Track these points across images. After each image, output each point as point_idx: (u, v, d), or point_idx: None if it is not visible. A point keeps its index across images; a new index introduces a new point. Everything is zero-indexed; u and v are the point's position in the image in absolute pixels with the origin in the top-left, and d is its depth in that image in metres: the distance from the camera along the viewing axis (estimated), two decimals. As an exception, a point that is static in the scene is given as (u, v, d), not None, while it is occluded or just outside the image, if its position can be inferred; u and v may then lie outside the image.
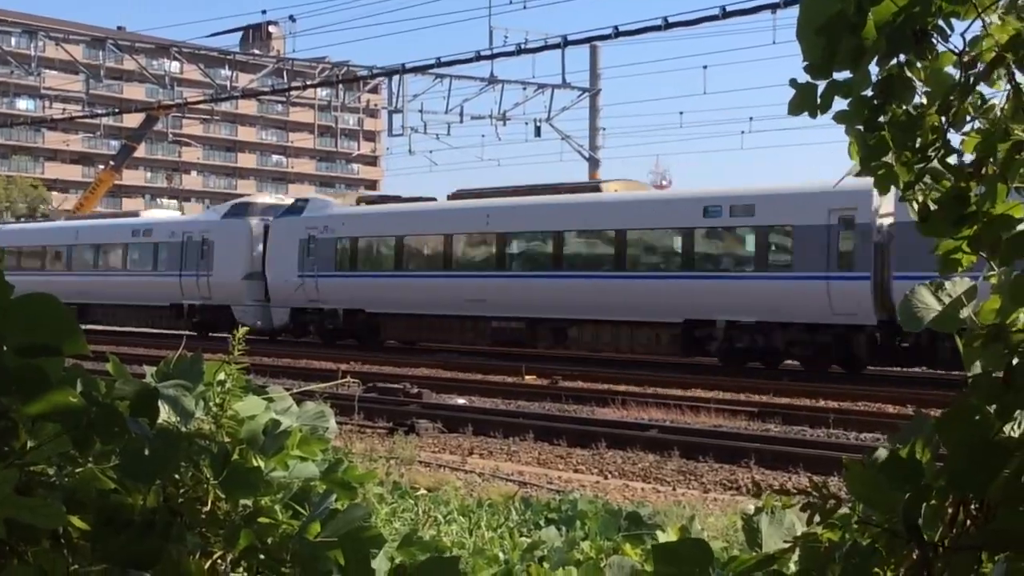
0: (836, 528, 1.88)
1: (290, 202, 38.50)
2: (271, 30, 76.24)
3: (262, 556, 2.18)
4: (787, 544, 1.93)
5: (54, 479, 2.05)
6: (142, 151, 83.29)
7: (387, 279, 33.10)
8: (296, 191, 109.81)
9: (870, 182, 2.03)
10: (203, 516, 2.18)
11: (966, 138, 1.97)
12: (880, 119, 1.95)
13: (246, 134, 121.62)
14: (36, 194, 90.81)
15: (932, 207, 1.99)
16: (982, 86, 1.92)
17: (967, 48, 1.89)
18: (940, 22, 1.88)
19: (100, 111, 54.02)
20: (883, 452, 1.82)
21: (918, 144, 1.95)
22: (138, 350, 28.64)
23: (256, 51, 58.89)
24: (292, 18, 51.94)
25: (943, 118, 1.94)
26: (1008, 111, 1.90)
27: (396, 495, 9.15)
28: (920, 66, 1.92)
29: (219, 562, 2.18)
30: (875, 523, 1.82)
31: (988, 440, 1.76)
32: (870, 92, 1.94)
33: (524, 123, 45.28)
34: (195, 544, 2.13)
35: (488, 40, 37.65)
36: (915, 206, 2.00)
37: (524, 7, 36.77)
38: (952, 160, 1.97)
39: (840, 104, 1.96)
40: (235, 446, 2.27)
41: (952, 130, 1.95)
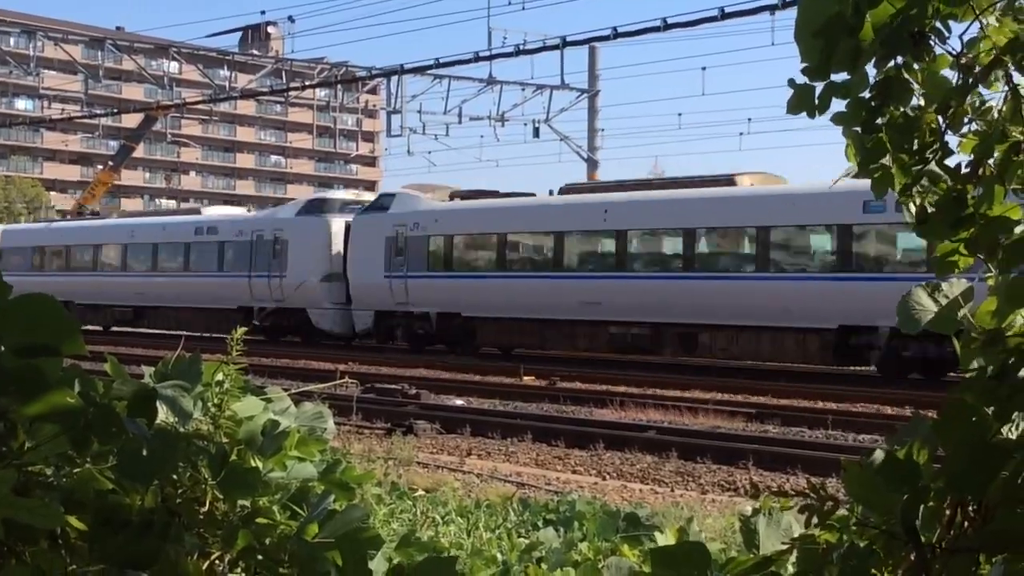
0: (834, 530, 1.88)
1: (369, 197, 36.01)
2: (270, 30, 76.17)
3: (260, 557, 2.18)
4: (785, 546, 1.93)
5: (52, 479, 2.05)
6: (141, 151, 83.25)
7: (487, 280, 30.57)
8: (295, 192, 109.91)
9: None
10: (201, 516, 2.19)
11: (963, 140, 1.97)
12: (878, 121, 1.95)
13: (245, 134, 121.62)
14: (34, 194, 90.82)
15: (929, 209, 1.99)
16: (980, 88, 1.92)
17: (965, 50, 1.90)
18: (938, 24, 1.88)
19: (99, 111, 54.04)
20: (881, 453, 1.82)
21: (915, 146, 1.96)
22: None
23: (255, 51, 58.83)
24: (291, 18, 52.00)
25: (941, 120, 1.94)
26: (1006, 113, 1.90)
27: (394, 496, 9.15)
28: (918, 68, 1.92)
29: (217, 562, 2.18)
30: (873, 524, 1.82)
31: (986, 441, 1.76)
32: (868, 94, 1.94)
33: (523, 124, 45.35)
34: (193, 544, 2.13)
35: (487, 41, 37.62)
36: (912, 208, 2.00)
37: (523, 8, 36.84)
38: (950, 162, 1.97)
39: (838, 105, 1.96)
40: (233, 447, 2.27)
41: (950, 132, 1.95)
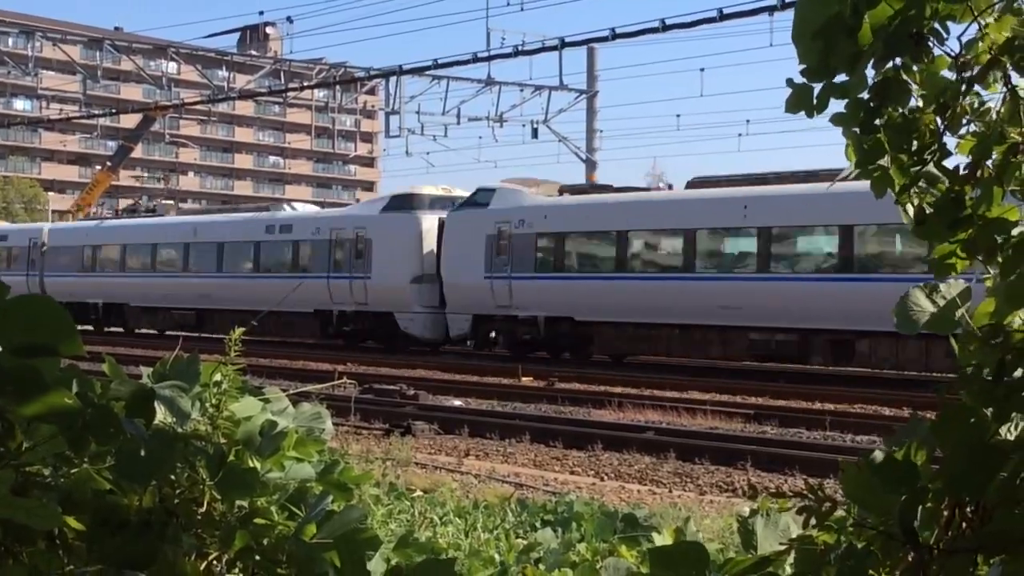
0: (832, 530, 1.88)
1: (462, 193, 32.81)
2: (268, 31, 76.22)
3: (258, 557, 2.17)
4: (783, 546, 1.93)
5: (50, 480, 2.04)
6: (139, 152, 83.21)
7: (605, 282, 27.75)
8: (293, 192, 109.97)
9: None
10: (199, 517, 2.18)
11: (962, 141, 1.97)
12: (876, 122, 1.95)
13: (243, 135, 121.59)
14: (32, 194, 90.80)
15: (928, 211, 1.99)
16: (978, 89, 1.92)
17: (963, 51, 1.90)
18: (936, 25, 1.88)
19: (97, 112, 53.98)
20: (879, 454, 1.82)
21: (914, 147, 1.96)
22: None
23: (253, 52, 58.83)
24: (289, 19, 51.94)
25: (939, 121, 1.94)
26: (1004, 114, 1.90)
27: (392, 496, 9.15)
28: (916, 69, 1.92)
29: (215, 563, 2.18)
30: (871, 525, 1.82)
31: (984, 442, 1.76)
32: (866, 95, 1.94)
33: (521, 125, 45.38)
34: (191, 545, 2.13)
35: (485, 42, 37.54)
36: (910, 210, 2.00)
37: (521, 9, 36.77)
38: (948, 163, 1.97)
39: (837, 106, 1.96)
40: (231, 447, 2.26)
41: (948, 133, 1.95)
